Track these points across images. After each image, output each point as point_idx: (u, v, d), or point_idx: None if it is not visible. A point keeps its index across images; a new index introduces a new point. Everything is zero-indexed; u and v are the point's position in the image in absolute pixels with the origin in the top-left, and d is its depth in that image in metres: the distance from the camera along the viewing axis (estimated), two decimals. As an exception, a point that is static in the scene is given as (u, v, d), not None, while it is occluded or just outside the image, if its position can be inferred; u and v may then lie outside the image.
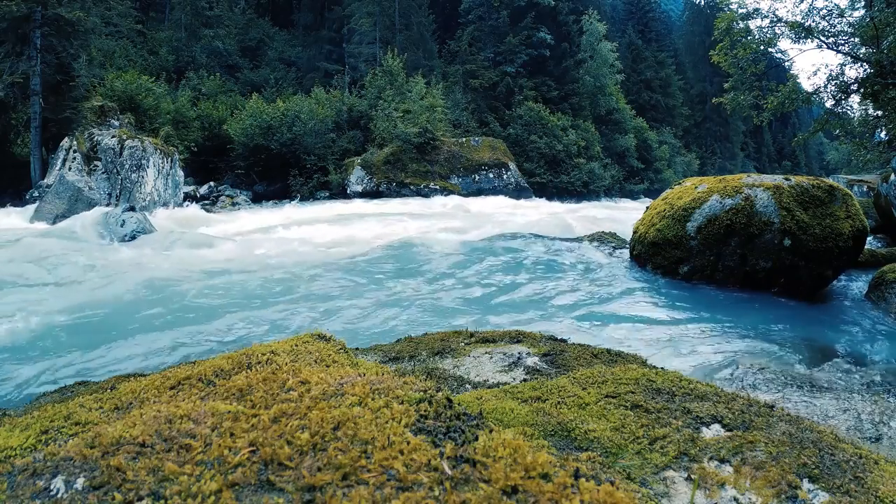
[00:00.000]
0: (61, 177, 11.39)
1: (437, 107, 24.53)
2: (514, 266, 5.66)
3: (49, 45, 13.48)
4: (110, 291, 4.70)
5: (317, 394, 0.81)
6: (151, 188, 12.59)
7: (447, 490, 0.61)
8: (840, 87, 12.71)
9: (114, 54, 22.65)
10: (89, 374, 2.83)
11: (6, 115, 13.72)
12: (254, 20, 35.10)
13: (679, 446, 1.03)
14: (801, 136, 16.32)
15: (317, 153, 22.79)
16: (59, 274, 5.52)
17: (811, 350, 3.17)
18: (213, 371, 0.97)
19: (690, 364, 2.76)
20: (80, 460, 0.67)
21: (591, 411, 1.18)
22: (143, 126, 16.75)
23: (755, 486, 0.92)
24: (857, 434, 1.68)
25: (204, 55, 29.30)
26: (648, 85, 48.98)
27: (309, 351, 1.08)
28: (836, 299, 4.60)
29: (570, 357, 1.84)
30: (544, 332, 2.27)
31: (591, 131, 34.99)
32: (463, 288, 4.82)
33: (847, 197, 4.61)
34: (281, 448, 0.67)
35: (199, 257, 6.52)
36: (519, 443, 0.70)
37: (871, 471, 0.98)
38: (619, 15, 59.03)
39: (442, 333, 2.27)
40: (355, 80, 30.32)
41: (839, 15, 12.45)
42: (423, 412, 0.77)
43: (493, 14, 34.25)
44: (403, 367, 1.88)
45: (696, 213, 4.67)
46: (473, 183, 23.64)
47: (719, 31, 13.40)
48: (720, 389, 1.29)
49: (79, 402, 0.93)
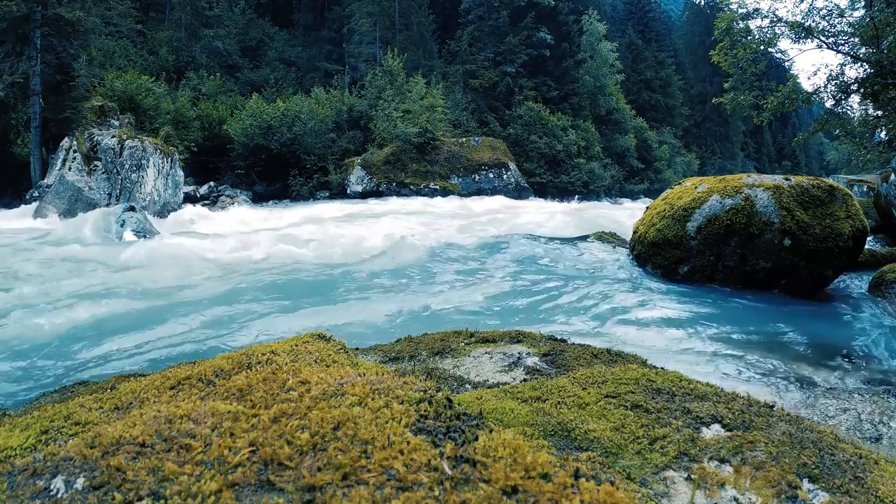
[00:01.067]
0: (61, 177, 11.39)
1: (437, 107, 24.53)
2: (514, 266, 5.66)
3: (49, 45, 13.47)
4: (110, 292, 4.70)
5: (317, 394, 0.81)
6: (151, 188, 12.59)
7: (447, 490, 0.61)
8: (840, 87, 12.71)
9: (114, 54, 22.65)
10: (89, 374, 2.83)
11: (6, 115, 13.72)
12: (254, 20, 35.10)
13: (679, 446, 1.03)
14: (801, 136, 16.31)
15: (317, 153, 22.80)
16: (58, 274, 5.52)
17: (811, 350, 3.17)
18: (213, 371, 0.97)
19: (690, 364, 2.76)
20: (80, 460, 0.67)
21: (591, 411, 1.18)
22: (143, 126, 16.75)
23: (755, 486, 0.92)
24: (857, 434, 1.68)
25: (204, 55, 29.30)
26: (648, 85, 48.98)
27: (309, 351, 1.08)
28: (836, 299, 4.60)
29: (570, 357, 1.84)
30: (544, 332, 2.27)
31: (591, 131, 34.99)
32: (463, 288, 4.81)
33: (847, 197, 4.61)
34: (281, 448, 0.67)
35: (199, 257, 6.52)
36: (519, 443, 0.70)
37: (871, 471, 0.98)
38: (619, 15, 59.01)
39: (442, 333, 2.27)
40: (355, 80, 30.33)
41: (839, 15, 12.45)
42: (423, 412, 0.77)
43: (493, 14, 34.25)
44: (403, 367, 1.88)
45: (696, 213, 4.67)
46: (473, 183, 23.64)
47: (719, 31, 13.40)
48: (720, 389, 1.29)
49: (79, 402, 0.93)
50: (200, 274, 5.48)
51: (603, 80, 38.98)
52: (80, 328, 3.70)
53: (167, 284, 4.97)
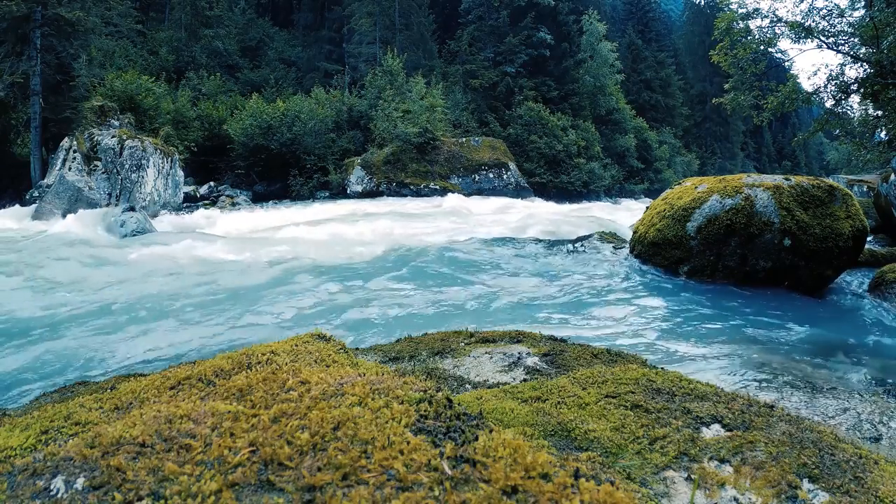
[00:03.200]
0: (61, 177, 11.39)
1: (437, 107, 24.53)
2: (514, 266, 5.66)
3: (49, 45, 13.47)
4: (110, 292, 4.70)
5: (317, 394, 0.81)
6: (151, 188, 12.59)
7: (447, 490, 0.61)
8: (840, 87, 12.71)
9: (114, 54, 22.65)
10: (89, 374, 2.83)
11: (6, 115, 13.72)
12: (254, 20, 35.12)
13: (679, 446, 1.03)
14: (801, 136, 16.32)
15: (317, 153, 22.80)
16: (58, 274, 5.52)
17: (811, 350, 3.17)
18: (213, 371, 0.97)
19: (690, 364, 2.76)
20: (80, 460, 0.67)
21: (591, 411, 1.18)
22: (143, 126, 16.74)
23: (755, 486, 0.92)
24: (857, 434, 1.68)
25: (204, 55, 29.31)
26: (648, 85, 48.98)
27: (309, 351, 1.08)
28: (836, 299, 4.60)
29: (570, 357, 1.84)
30: (544, 332, 2.27)
31: (591, 131, 34.98)
32: (463, 288, 4.82)
33: (847, 197, 4.61)
34: (281, 448, 0.67)
35: (199, 257, 6.52)
36: (519, 443, 0.70)
37: (871, 471, 0.98)
38: (619, 15, 59.04)
39: (442, 333, 2.27)
40: (355, 80, 30.34)
41: (839, 15, 12.46)
42: (423, 412, 0.77)
43: (493, 14, 34.23)
44: (403, 367, 1.88)
45: (696, 213, 4.67)
46: (473, 183, 23.65)
47: (719, 31, 13.40)
48: (720, 389, 1.29)
49: (79, 402, 0.93)
50: (200, 274, 5.49)
51: (603, 80, 38.98)
52: (80, 328, 3.70)
53: (167, 284, 4.97)
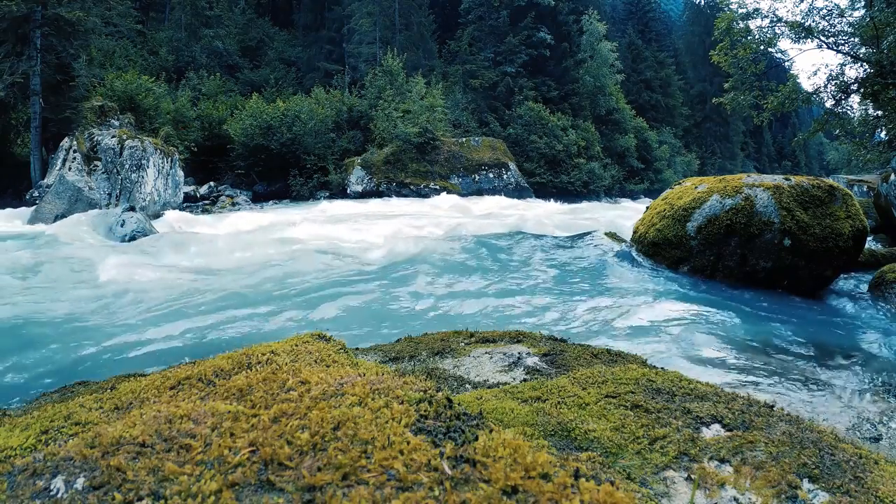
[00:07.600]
0: (61, 177, 11.39)
1: (437, 107, 24.55)
2: (514, 266, 5.66)
3: (49, 45, 13.47)
4: (110, 292, 4.70)
5: (317, 394, 0.81)
6: (151, 188, 12.59)
7: (447, 490, 0.61)
8: (840, 87, 12.72)
9: (114, 54, 22.66)
10: (89, 374, 2.83)
11: (6, 115, 13.72)
12: (254, 20, 35.12)
13: (679, 446, 1.03)
14: (801, 136, 16.32)
15: (317, 153, 22.80)
16: (58, 274, 5.52)
17: (811, 350, 3.17)
18: (213, 371, 0.97)
19: (690, 363, 2.76)
20: (80, 460, 0.67)
21: (591, 411, 1.18)
22: (143, 126, 16.74)
23: (755, 486, 0.92)
24: (857, 434, 1.68)
25: (204, 55, 29.31)
26: (648, 85, 48.98)
27: (309, 351, 1.08)
28: (836, 299, 4.60)
29: (570, 357, 1.84)
30: (544, 331, 2.27)
31: (591, 131, 34.99)
32: (462, 288, 4.81)
33: (847, 197, 4.61)
34: (281, 448, 0.67)
35: (199, 257, 6.52)
36: (519, 443, 0.70)
37: (871, 471, 0.98)
38: (619, 15, 59.04)
39: (442, 333, 2.27)
40: (355, 80, 30.35)
41: (839, 15, 12.46)
42: (423, 412, 0.77)
43: (493, 14, 34.24)
44: (403, 367, 1.88)
45: (696, 213, 4.67)
46: (473, 183, 23.65)
47: (719, 31, 13.41)
48: (720, 389, 1.29)
49: (79, 402, 0.93)
50: (200, 273, 5.49)
51: (603, 80, 38.99)
52: (80, 328, 3.70)
53: (166, 285, 4.97)
